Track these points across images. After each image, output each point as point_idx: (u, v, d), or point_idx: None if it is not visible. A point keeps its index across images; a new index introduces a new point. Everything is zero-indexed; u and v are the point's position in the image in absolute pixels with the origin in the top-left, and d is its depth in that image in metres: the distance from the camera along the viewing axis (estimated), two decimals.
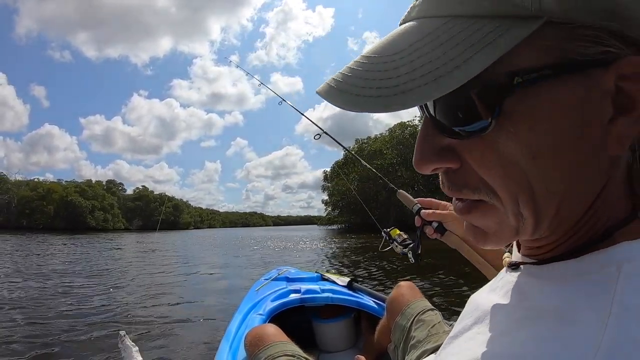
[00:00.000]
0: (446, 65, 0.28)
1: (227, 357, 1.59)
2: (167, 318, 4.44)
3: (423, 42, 0.30)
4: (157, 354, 3.34)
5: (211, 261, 11.96)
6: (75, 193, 79.54)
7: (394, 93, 0.29)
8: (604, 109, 0.30)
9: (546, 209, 0.33)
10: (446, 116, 0.33)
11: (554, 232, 0.35)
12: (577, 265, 0.34)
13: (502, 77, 0.29)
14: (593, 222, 0.34)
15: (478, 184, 0.34)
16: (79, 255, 13.65)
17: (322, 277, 2.51)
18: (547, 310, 0.32)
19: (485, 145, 0.32)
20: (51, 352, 3.33)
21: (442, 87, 0.28)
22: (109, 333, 3.80)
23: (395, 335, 1.39)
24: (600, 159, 0.32)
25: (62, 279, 7.45)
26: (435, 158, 0.34)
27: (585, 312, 0.29)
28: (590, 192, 0.33)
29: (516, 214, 0.33)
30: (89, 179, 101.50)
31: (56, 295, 5.80)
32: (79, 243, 21.67)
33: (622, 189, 0.34)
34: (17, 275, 7.94)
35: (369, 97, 0.30)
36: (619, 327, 0.26)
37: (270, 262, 10.33)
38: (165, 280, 7.70)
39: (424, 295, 1.52)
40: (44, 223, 71.28)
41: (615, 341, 0.26)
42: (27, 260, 11.23)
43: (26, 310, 4.78)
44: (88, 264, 10.44)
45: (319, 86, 0.34)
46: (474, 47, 0.28)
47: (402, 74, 0.29)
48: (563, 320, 0.30)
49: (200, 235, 43.29)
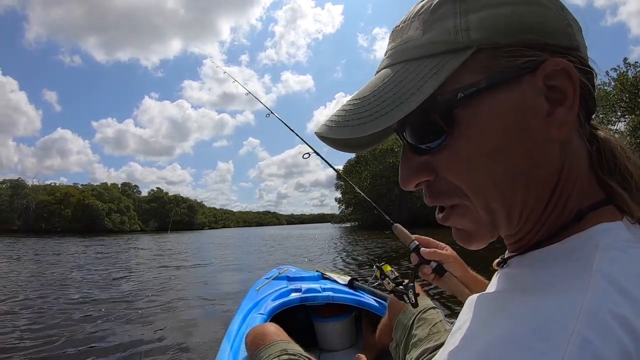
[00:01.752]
0: (405, 93, 0.37)
1: (228, 356, 1.60)
2: (173, 316, 4.50)
3: (388, 82, 0.39)
4: (157, 352, 3.39)
5: (235, 260, 12.10)
6: (92, 196, 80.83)
7: (369, 120, 0.38)
8: (540, 105, 0.36)
9: (513, 199, 0.38)
10: (415, 138, 0.40)
11: (527, 219, 0.40)
12: (557, 248, 0.38)
13: (449, 95, 0.37)
14: (561, 207, 0.39)
15: (451, 190, 0.40)
16: (104, 256, 13.97)
17: (323, 276, 2.52)
18: (529, 288, 0.36)
19: (449, 154, 0.39)
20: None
21: (404, 109, 0.36)
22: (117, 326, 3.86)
23: (397, 333, 1.39)
24: (549, 148, 0.37)
25: (83, 279, 7.65)
26: (413, 176, 0.42)
27: (565, 284, 0.33)
28: (549, 179, 0.38)
29: (486, 208, 0.39)
30: (104, 182, 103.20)
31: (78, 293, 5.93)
32: (101, 244, 22.19)
33: (589, 178, 0.40)
34: (47, 277, 8.19)
35: (352, 126, 0.39)
36: (598, 292, 0.30)
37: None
38: (185, 278, 7.85)
39: (426, 294, 1.53)
40: (62, 226, 72.68)
41: (595, 304, 0.29)
42: (59, 262, 11.65)
43: (53, 309, 4.90)
44: (117, 263, 10.76)
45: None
46: (424, 78, 0.37)
47: (375, 106, 0.38)
48: (545, 293, 0.33)
49: (218, 235, 43.70)
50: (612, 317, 0.28)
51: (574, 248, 0.36)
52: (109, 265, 10.81)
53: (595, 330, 0.28)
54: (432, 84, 0.36)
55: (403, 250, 12.42)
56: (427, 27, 0.38)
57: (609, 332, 0.28)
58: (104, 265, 10.66)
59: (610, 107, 21.82)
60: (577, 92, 0.36)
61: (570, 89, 0.36)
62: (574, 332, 0.28)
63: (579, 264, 0.33)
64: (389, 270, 1.31)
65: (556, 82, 0.36)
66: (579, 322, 0.28)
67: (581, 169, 0.39)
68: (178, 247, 19.87)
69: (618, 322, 0.28)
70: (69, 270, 9.39)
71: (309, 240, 22.38)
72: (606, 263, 0.32)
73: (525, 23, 0.36)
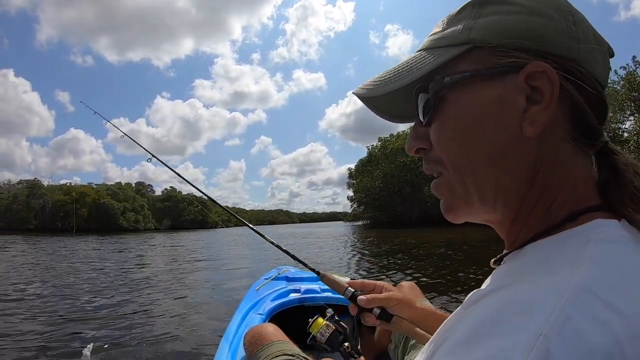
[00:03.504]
0: (412, 68, 0.47)
1: (226, 356, 1.61)
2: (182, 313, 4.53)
3: (408, 60, 0.49)
4: (157, 351, 3.43)
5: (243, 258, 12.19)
6: (107, 195, 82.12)
7: (384, 83, 0.48)
8: (519, 102, 0.41)
9: (485, 179, 0.43)
10: (418, 110, 0.49)
11: (506, 205, 0.44)
12: (549, 240, 0.40)
13: (440, 78, 0.44)
14: (545, 205, 0.42)
15: (437, 160, 0.47)
16: (124, 254, 14.24)
17: None
18: (519, 277, 0.38)
19: (436, 127, 0.46)
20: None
21: (407, 79, 0.46)
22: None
23: (396, 335, 1.38)
24: (523, 141, 0.41)
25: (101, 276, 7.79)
26: (413, 142, 0.50)
27: (554, 270, 0.35)
28: (523, 170, 0.42)
29: (461, 182, 0.45)
30: (118, 182, 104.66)
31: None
32: (120, 242, 22.74)
33: (587, 189, 0.42)
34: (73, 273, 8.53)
35: (371, 87, 0.50)
36: (587, 275, 0.32)
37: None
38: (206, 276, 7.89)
39: (425, 296, 1.51)
40: (78, 225, 73.85)
41: (581, 285, 0.31)
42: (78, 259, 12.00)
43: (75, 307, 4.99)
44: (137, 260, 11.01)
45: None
46: (428, 60, 0.46)
47: (392, 75, 0.48)
48: (534, 279, 0.35)
49: (232, 233, 43.91)
50: (597, 299, 0.30)
51: (566, 240, 0.38)
52: (130, 261, 10.97)
53: (578, 308, 0.29)
54: (430, 65, 0.44)
55: (411, 248, 12.48)
56: (447, 25, 0.46)
57: (593, 312, 0.29)
58: (126, 263, 10.83)
59: (618, 106, 21.50)
60: (555, 95, 0.39)
61: (548, 91, 0.39)
62: (556, 309, 0.29)
63: (570, 253, 0.36)
64: (322, 325, 1.20)
65: (537, 83, 0.40)
66: (563, 300, 0.30)
67: (574, 179, 0.42)
68: (191, 245, 20.10)
69: (603, 303, 0.29)
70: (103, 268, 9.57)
71: (314, 239, 22.38)
72: (598, 252, 0.34)
73: (518, 29, 0.41)
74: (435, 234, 19.04)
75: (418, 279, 6.57)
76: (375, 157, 56.95)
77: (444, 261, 8.75)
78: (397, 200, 49.45)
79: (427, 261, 9.37)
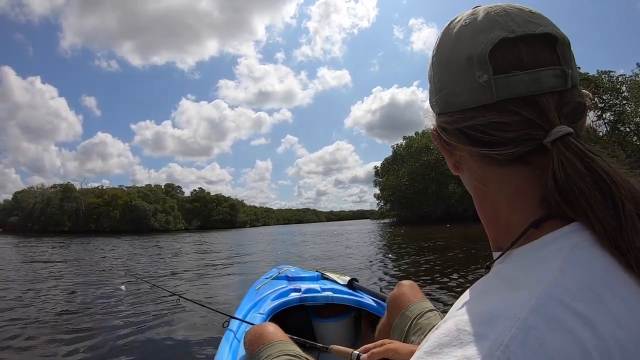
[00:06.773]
0: None
1: (227, 356, 1.61)
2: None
3: None
4: (157, 350, 3.46)
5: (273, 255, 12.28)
6: (138, 197, 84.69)
7: None
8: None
9: (480, 211, 0.49)
10: None
11: (490, 228, 0.48)
12: (517, 251, 0.41)
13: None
14: (507, 224, 0.44)
15: None
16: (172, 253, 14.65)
17: (323, 276, 2.51)
18: (490, 288, 0.39)
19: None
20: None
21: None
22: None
23: (394, 336, 1.38)
24: (476, 184, 0.47)
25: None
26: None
27: (522, 280, 0.35)
28: (490, 203, 0.46)
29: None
30: (148, 184, 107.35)
31: None
32: (157, 242, 23.38)
33: (521, 198, 0.43)
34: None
35: None
36: (552, 285, 0.32)
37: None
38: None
39: (425, 295, 1.48)
40: (111, 226, 76.52)
41: (546, 295, 0.31)
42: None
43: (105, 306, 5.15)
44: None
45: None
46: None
47: None
48: (502, 290, 0.36)
49: (261, 232, 44.37)
50: (564, 307, 0.30)
51: (530, 253, 0.39)
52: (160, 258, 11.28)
53: (543, 317, 0.30)
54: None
55: (431, 244, 12.27)
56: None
57: (559, 320, 0.29)
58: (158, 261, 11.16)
59: None
60: (440, 145, 0.51)
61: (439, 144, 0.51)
62: (519, 319, 0.30)
63: (537, 264, 0.36)
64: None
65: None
66: (527, 309, 0.30)
67: (511, 198, 0.43)
68: (220, 245, 20.44)
69: (570, 312, 0.30)
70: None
71: (337, 237, 22.37)
72: (568, 263, 0.34)
73: (445, 102, 0.46)
74: (461, 229, 18.74)
75: (419, 278, 6.38)
76: (401, 156, 56.82)
77: (441, 262, 8.51)
78: (422, 198, 49.16)
79: (451, 257, 9.19)
